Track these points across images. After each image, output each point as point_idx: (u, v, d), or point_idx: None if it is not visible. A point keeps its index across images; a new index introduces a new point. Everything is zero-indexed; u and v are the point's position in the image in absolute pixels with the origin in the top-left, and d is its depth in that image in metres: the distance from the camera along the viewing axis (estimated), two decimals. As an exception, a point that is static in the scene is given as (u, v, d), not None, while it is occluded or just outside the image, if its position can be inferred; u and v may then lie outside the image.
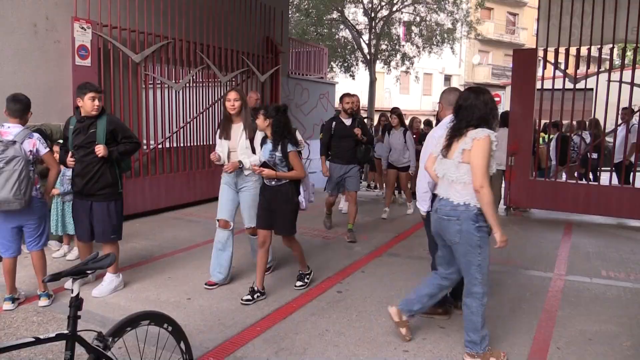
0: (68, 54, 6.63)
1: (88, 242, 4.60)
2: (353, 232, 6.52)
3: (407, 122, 9.64)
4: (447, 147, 3.36)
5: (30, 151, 4.05)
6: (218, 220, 4.85)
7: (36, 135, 4.15)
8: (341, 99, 6.70)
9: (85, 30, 6.69)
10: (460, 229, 3.28)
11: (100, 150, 4.27)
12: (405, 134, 7.95)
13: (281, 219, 4.45)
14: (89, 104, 4.28)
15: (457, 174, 3.29)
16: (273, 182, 4.42)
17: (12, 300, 4.18)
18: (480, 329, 3.38)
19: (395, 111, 8.29)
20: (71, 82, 6.51)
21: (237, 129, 4.78)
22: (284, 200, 4.41)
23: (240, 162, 4.69)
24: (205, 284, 4.77)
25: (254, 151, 4.76)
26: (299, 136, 7.62)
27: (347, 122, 6.61)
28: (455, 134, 3.33)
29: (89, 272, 2.24)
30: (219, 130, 4.94)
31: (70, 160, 4.34)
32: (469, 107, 3.28)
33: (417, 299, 3.68)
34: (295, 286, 4.73)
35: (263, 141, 4.52)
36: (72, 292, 2.16)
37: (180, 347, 2.65)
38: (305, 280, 4.82)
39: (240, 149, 4.76)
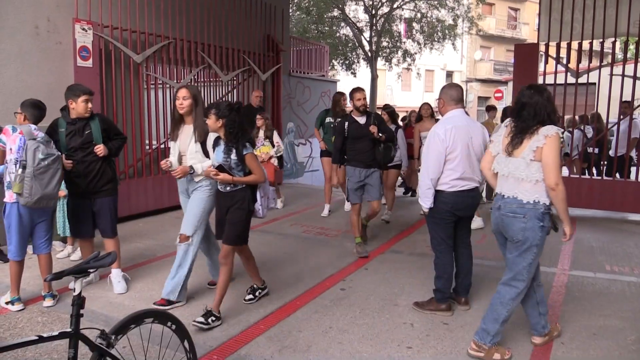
0: (69, 55, 6.65)
1: (90, 238, 4.69)
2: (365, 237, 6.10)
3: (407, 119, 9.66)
4: (514, 146, 3.31)
5: None
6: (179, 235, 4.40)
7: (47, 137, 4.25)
8: (351, 95, 5.98)
9: (86, 31, 6.71)
10: (525, 227, 3.28)
11: (101, 149, 4.41)
12: (397, 132, 7.44)
13: (229, 225, 3.99)
14: (82, 107, 4.36)
15: (527, 172, 3.27)
16: (228, 188, 3.99)
17: (20, 300, 4.22)
18: (501, 323, 3.40)
19: (387, 108, 8.15)
20: (73, 83, 6.51)
21: (188, 130, 4.38)
22: (238, 206, 3.97)
23: (191, 167, 4.29)
24: (209, 284, 4.78)
25: (208, 155, 4.28)
26: (276, 138, 7.44)
27: (361, 120, 5.83)
28: (524, 132, 3.29)
29: (91, 270, 2.24)
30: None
31: (68, 162, 4.34)
32: (536, 105, 3.26)
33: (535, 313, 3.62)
34: (245, 300, 4.37)
35: (215, 143, 4.08)
36: (74, 291, 2.17)
37: (184, 346, 2.65)
38: (257, 294, 4.42)
39: (190, 153, 4.35)
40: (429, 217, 4.11)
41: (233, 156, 3.90)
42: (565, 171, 8.97)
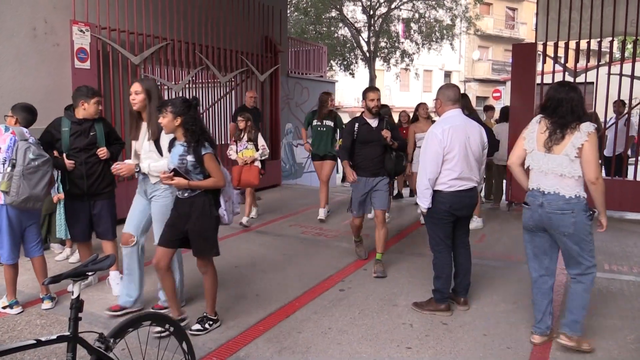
0: (67, 57, 6.64)
1: (87, 242, 4.69)
2: (382, 263, 5.18)
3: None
4: (555, 142, 3.35)
5: None
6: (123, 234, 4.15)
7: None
8: (364, 94, 5.33)
9: (84, 33, 6.70)
10: (575, 221, 3.36)
11: (104, 152, 4.44)
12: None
13: (198, 237, 3.65)
14: (94, 108, 4.38)
15: (569, 169, 3.32)
16: (186, 194, 3.64)
17: (18, 303, 4.21)
18: (587, 309, 3.51)
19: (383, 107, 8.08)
20: (71, 85, 6.50)
21: (144, 128, 4.08)
22: (200, 214, 3.62)
23: (137, 165, 4.05)
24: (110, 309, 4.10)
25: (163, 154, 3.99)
26: (261, 140, 7.21)
27: (373, 123, 5.24)
28: (563, 128, 3.33)
29: (89, 273, 2.23)
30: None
31: (70, 162, 4.34)
32: (572, 101, 3.32)
33: (541, 315, 3.66)
34: (190, 330, 3.71)
35: (171, 144, 3.75)
36: (72, 294, 2.15)
37: (182, 348, 2.64)
38: (206, 326, 3.79)
39: (144, 152, 4.04)
40: (427, 217, 4.12)
41: (190, 157, 3.55)
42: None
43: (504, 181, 8.60)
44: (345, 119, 7.17)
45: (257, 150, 7.11)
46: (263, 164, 7.29)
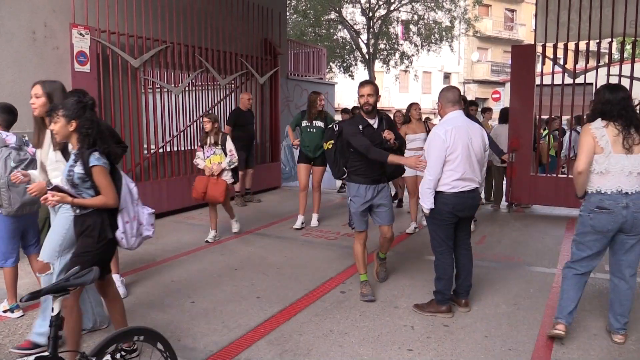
0: (67, 60, 6.64)
1: None
2: (385, 264, 5.08)
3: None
4: (634, 143, 3.41)
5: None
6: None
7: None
8: (358, 90, 4.69)
9: (83, 36, 6.70)
10: None
11: None
12: None
13: (73, 258, 3.12)
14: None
15: None
16: (77, 211, 3.12)
17: (19, 307, 4.21)
18: None
19: (347, 111, 7.55)
20: (70, 89, 6.51)
21: (48, 135, 3.57)
22: (87, 234, 3.09)
23: (48, 182, 3.52)
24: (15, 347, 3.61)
25: None
26: (229, 145, 6.37)
27: (374, 124, 4.60)
28: (638, 129, 3.43)
29: (70, 288, 2.07)
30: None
31: None
32: (630, 101, 3.46)
33: (574, 305, 3.68)
34: None
35: (64, 151, 3.34)
36: (52, 311, 2.01)
37: (157, 348, 2.47)
38: (118, 357, 2.60)
39: (50, 163, 3.61)
40: (429, 218, 4.12)
41: (78, 169, 3.01)
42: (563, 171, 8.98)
43: (504, 182, 8.60)
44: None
45: (226, 156, 6.34)
46: (235, 173, 6.53)
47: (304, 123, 7.25)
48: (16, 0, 6.15)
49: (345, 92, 28.57)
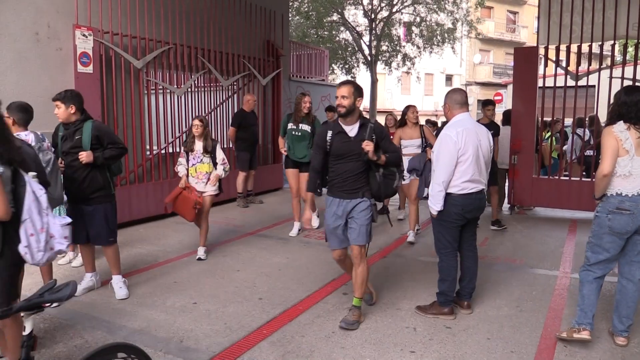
0: (70, 61, 6.66)
1: (84, 244, 4.66)
2: (359, 310, 4.08)
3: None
4: None
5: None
6: None
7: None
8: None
9: (86, 37, 6.72)
10: None
11: (83, 156, 4.32)
12: None
13: None
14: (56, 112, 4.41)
15: None
16: None
17: None
18: None
19: (331, 109, 6.79)
20: (74, 89, 6.52)
21: None
22: None
23: None
24: None
25: None
26: (220, 153, 5.72)
27: (351, 131, 3.96)
28: None
29: (45, 305, 1.88)
30: None
31: (60, 164, 4.36)
32: None
33: (593, 308, 3.67)
34: None
35: None
36: (24, 330, 1.85)
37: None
38: None
39: None
40: (436, 220, 4.10)
41: None
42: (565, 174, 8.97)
43: (506, 185, 8.59)
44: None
45: (215, 166, 5.73)
46: (219, 185, 5.84)
47: (290, 126, 6.86)
48: (20, 2, 6.16)
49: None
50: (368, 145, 3.83)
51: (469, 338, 3.78)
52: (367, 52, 21.70)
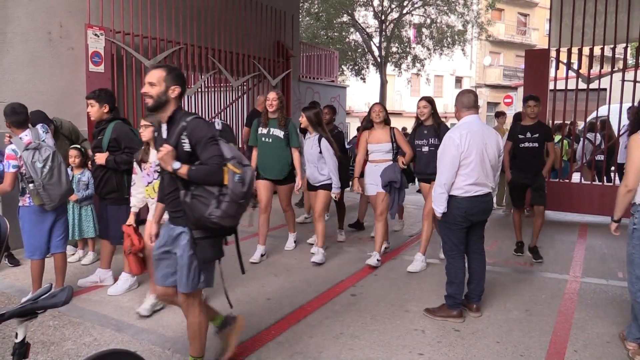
0: (82, 60, 6.71)
1: (104, 239, 4.81)
2: None
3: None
4: None
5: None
6: None
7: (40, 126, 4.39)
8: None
9: (98, 36, 6.76)
10: None
11: (96, 157, 4.48)
12: (320, 141, 5.53)
13: None
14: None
15: None
16: None
17: None
18: None
19: (311, 111, 5.70)
20: (85, 89, 6.57)
21: None
22: None
23: None
24: None
25: None
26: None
27: (164, 131, 2.99)
28: None
29: (38, 312, 1.80)
30: None
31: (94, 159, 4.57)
32: None
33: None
34: None
35: None
36: (16, 337, 1.77)
37: None
38: None
39: None
40: (441, 222, 4.11)
41: None
42: (576, 178, 8.91)
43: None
44: (356, 123, 6.82)
45: None
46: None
47: (260, 131, 5.65)
48: (32, 1, 6.21)
49: (356, 95, 28.60)
50: (162, 151, 2.83)
51: (478, 341, 3.76)
52: (376, 53, 21.68)
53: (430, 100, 5.46)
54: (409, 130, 17.15)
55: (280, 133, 5.53)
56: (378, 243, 5.59)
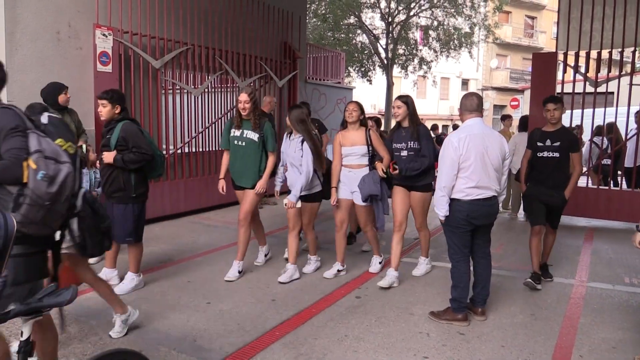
0: (90, 60, 6.74)
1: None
2: None
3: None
4: None
5: None
6: None
7: None
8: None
9: (106, 37, 6.79)
10: None
11: (104, 156, 4.51)
12: (303, 144, 4.93)
13: None
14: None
15: None
16: None
17: None
18: None
19: (296, 110, 5.11)
20: (92, 88, 6.61)
21: None
22: None
23: None
24: None
25: None
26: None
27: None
28: None
29: (43, 310, 1.78)
30: None
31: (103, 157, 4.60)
32: None
33: None
34: None
35: None
36: (21, 335, 1.78)
37: None
38: None
39: None
40: (445, 225, 4.11)
41: None
42: (582, 181, 8.87)
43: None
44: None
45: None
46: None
47: (232, 132, 5.12)
48: (41, 1, 6.25)
49: (363, 97, 28.61)
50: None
51: (483, 345, 3.75)
52: (383, 55, 21.68)
53: (406, 100, 4.98)
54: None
55: (254, 136, 5.00)
56: (375, 248, 5.47)
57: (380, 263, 5.43)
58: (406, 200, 5.08)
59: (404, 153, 4.95)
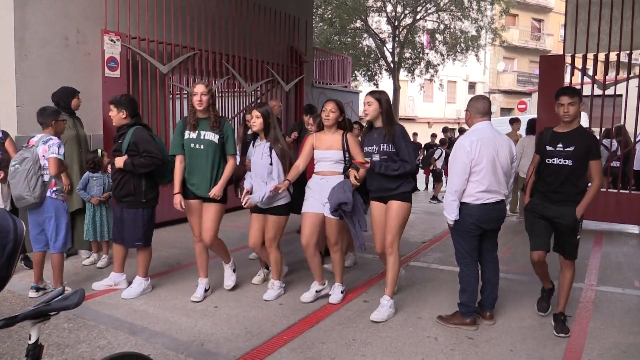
0: (98, 65, 6.78)
1: (118, 243, 4.82)
2: None
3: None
4: None
5: (43, 156, 4.42)
6: None
7: (52, 141, 4.45)
8: None
9: (114, 42, 6.84)
10: None
11: (115, 160, 4.58)
12: (272, 150, 4.51)
13: None
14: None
15: None
16: None
17: (37, 289, 4.60)
18: None
19: (260, 110, 4.58)
20: (101, 94, 6.66)
21: None
22: None
23: None
24: None
25: None
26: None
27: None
28: None
29: (51, 314, 1.78)
30: None
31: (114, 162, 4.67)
32: None
33: None
34: None
35: None
36: (29, 339, 1.78)
37: None
38: None
39: None
40: (453, 229, 4.08)
41: None
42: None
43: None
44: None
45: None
46: None
47: (186, 135, 4.53)
48: (51, 7, 6.30)
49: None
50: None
51: (492, 349, 3.73)
52: (390, 59, 21.68)
53: (378, 97, 4.25)
54: (420, 138, 17.13)
55: (214, 137, 4.45)
56: (338, 274, 4.66)
57: (342, 292, 4.64)
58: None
59: (376, 157, 4.20)
